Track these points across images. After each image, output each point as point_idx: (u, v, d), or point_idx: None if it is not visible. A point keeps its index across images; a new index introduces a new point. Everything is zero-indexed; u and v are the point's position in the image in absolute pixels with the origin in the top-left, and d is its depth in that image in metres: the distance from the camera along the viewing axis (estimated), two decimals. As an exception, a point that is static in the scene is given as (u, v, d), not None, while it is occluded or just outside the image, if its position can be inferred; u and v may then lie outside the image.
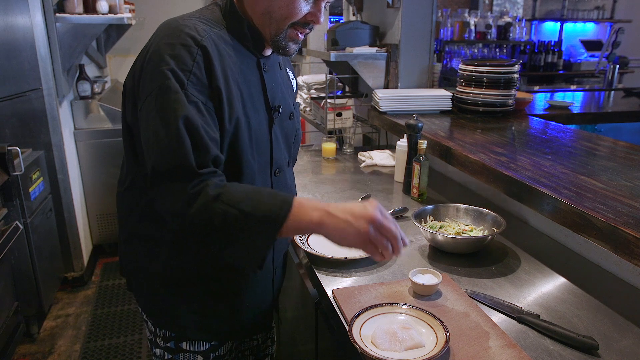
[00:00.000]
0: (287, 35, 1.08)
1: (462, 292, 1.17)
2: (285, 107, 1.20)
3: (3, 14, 2.38)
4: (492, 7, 5.78)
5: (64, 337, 2.61)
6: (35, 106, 2.68)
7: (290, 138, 1.27)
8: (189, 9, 1.20)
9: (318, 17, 1.08)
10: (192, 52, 0.98)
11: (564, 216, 1.20)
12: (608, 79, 3.81)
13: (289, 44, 1.10)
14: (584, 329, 1.05)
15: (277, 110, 1.16)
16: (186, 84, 0.96)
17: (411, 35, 2.44)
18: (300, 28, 1.09)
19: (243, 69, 1.08)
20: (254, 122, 1.09)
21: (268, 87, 1.15)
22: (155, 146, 0.95)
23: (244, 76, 1.09)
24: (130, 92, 1.06)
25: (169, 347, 1.21)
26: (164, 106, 0.95)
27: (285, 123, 1.22)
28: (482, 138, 1.83)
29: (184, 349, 1.21)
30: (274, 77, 1.19)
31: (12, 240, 2.10)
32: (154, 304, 1.20)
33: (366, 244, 0.95)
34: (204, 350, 1.22)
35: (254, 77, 1.12)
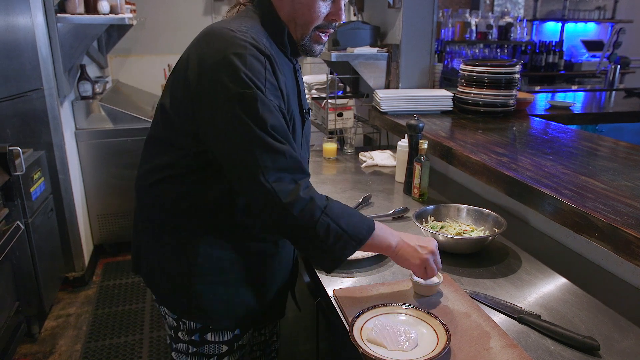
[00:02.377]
0: (311, 38, 1.16)
1: (463, 293, 1.17)
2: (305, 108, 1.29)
3: (4, 14, 2.38)
4: (493, 8, 5.77)
5: (65, 337, 2.62)
6: (36, 106, 2.68)
7: (309, 138, 1.38)
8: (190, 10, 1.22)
9: (339, 14, 1.14)
10: (261, 60, 1.04)
11: (565, 216, 1.20)
12: (609, 79, 3.80)
13: (314, 45, 1.18)
14: (585, 329, 1.05)
15: (307, 112, 1.27)
16: (265, 91, 1.03)
17: (412, 35, 2.44)
18: (323, 29, 1.16)
19: (285, 74, 1.14)
20: (296, 125, 1.18)
21: (301, 90, 1.25)
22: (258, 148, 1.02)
23: (288, 81, 1.15)
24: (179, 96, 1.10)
25: (193, 340, 1.24)
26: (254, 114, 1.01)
27: (308, 124, 1.32)
28: (483, 138, 1.83)
29: (209, 340, 1.24)
30: (302, 81, 1.29)
31: (13, 240, 2.10)
32: (179, 296, 1.21)
33: (421, 268, 1.15)
34: (229, 339, 1.26)
35: (292, 82, 1.20)
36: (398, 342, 0.97)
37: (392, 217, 1.65)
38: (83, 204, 3.29)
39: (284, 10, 1.14)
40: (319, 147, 2.52)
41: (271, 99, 1.04)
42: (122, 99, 3.78)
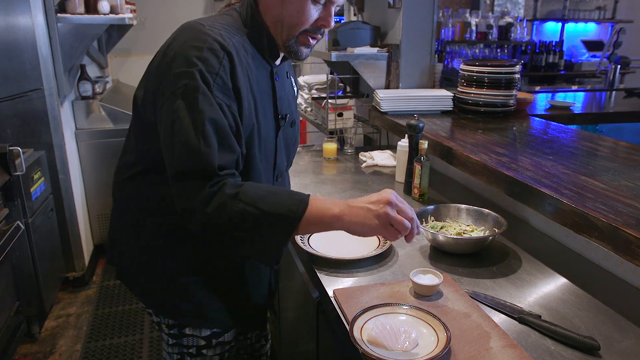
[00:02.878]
0: (298, 41, 1.12)
1: (463, 293, 1.17)
2: (290, 115, 1.24)
3: (4, 14, 2.38)
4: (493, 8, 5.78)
5: (65, 337, 2.62)
6: (36, 106, 2.68)
7: (291, 145, 1.31)
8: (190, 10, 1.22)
9: (329, 21, 1.11)
10: (219, 56, 1.00)
11: (565, 216, 1.20)
12: (609, 79, 3.80)
13: (301, 48, 1.13)
14: (585, 329, 1.05)
15: (284, 118, 1.21)
16: (212, 86, 0.99)
17: (412, 35, 2.44)
18: (311, 34, 1.12)
19: (258, 77, 1.12)
20: (263, 129, 1.13)
21: (278, 96, 1.19)
22: (180, 145, 0.98)
23: (258, 84, 1.12)
24: (149, 89, 1.08)
25: (172, 333, 1.25)
26: (191, 106, 0.98)
27: (288, 130, 1.26)
28: (483, 138, 1.83)
29: (187, 334, 1.24)
30: (283, 85, 1.23)
31: (13, 240, 2.11)
32: (153, 294, 1.22)
33: (387, 227, 1.00)
34: (207, 335, 1.25)
35: (266, 85, 1.16)
36: (398, 342, 0.97)
37: (392, 217, 1.65)
38: (83, 204, 3.29)
39: (271, 11, 1.10)
40: (319, 147, 2.52)
41: (217, 95, 0.99)
42: (122, 99, 3.79)
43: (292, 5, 1.07)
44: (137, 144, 1.15)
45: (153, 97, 1.06)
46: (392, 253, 1.41)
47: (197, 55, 0.99)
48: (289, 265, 1.69)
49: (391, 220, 1.00)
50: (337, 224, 1.01)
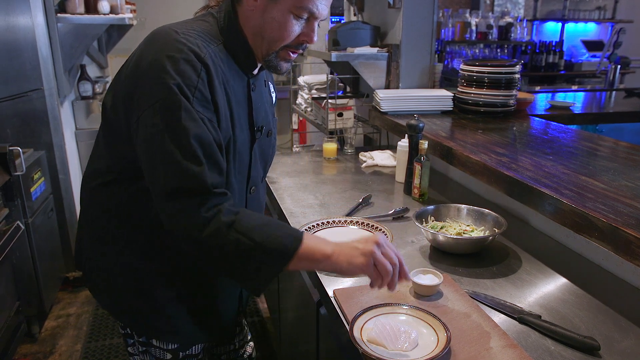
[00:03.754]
0: (278, 55, 1.08)
1: (463, 293, 1.17)
2: (266, 126, 1.20)
3: (5, 14, 2.38)
4: (493, 8, 5.78)
5: (65, 337, 2.62)
6: (36, 106, 2.68)
7: (267, 155, 1.28)
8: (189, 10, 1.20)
9: (311, 37, 1.06)
10: (197, 67, 0.96)
11: (565, 216, 1.20)
12: (609, 79, 3.80)
13: (281, 63, 1.10)
14: (585, 329, 1.05)
15: (260, 130, 1.17)
16: (192, 100, 0.95)
17: (412, 35, 2.44)
18: (292, 49, 1.08)
19: (234, 88, 1.07)
20: (239, 142, 1.09)
21: (254, 107, 1.14)
22: (167, 165, 0.94)
23: (235, 95, 1.08)
24: (118, 95, 1.04)
25: (141, 341, 1.23)
26: (173, 123, 0.94)
27: (264, 141, 1.22)
28: (483, 138, 1.83)
29: (155, 345, 1.21)
30: (260, 96, 1.18)
31: (13, 240, 2.11)
32: (119, 306, 1.20)
33: (370, 267, 0.98)
34: (174, 349, 1.22)
35: (242, 96, 1.11)
36: (398, 342, 0.97)
37: (392, 217, 1.65)
38: (83, 204, 3.29)
39: (250, 22, 1.05)
40: (319, 147, 2.52)
41: (198, 110, 0.96)
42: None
43: (274, 20, 1.02)
44: (108, 151, 1.11)
45: (123, 105, 1.02)
46: (392, 253, 1.41)
47: (174, 67, 0.95)
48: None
49: (375, 259, 0.98)
50: (327, 262, 1.00)
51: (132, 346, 1.27)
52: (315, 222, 1.56)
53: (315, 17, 1.04)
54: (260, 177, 1.26)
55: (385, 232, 1.47)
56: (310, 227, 1.53)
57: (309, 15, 1.03)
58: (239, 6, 1.06)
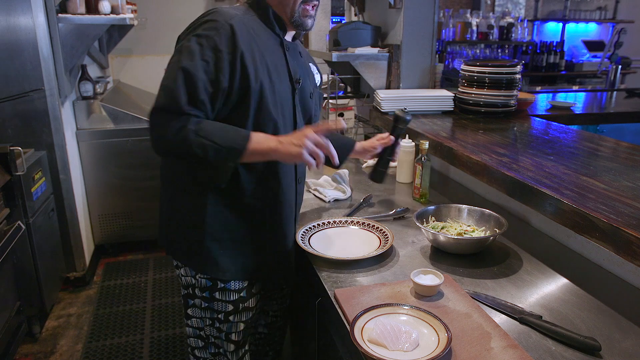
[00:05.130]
0: (300, 13, 1.33)
1: (463, 293, 1.17)
2: (304, 84, 1.42)
3: (6, 15, 2.39)
4: (494, 8, 5.78)
5: (66, 337, 2.62)
6: (37, 106, 2.68)
7: (309, 109, 1.48)
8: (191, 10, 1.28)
9: None
10: (218, 26, 1.22)
11: (566, 217, 1.20)
12: (610, 79, 3.80)
13: (305, 19, 1.35)
14: (586, 329, 1.05)
15: (298, 82, 1.38)
16: (204, 45, 1.20)
17: (413, 35, 2.43)
18: (308, 3, 1.33)
19: (270, 46, 1.32)
20: (278, 88, 1.32)
21: (290, 63, 1.37)
22: (160, 88, 1.21)
23: (271, 51, 1.32)
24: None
25: (204, 296, 1.43)
26: (177, 56, 1.22)
27: (306, 100, 1.45)
28: (484, 139, 1.83)
29: (217, 298, 1.42)
30: (295, 57, 1.42)
31: (14, 240, 2.11)
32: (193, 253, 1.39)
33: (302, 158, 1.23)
34: (234, 300, 1.43)
35: (278, 53, 1.35)
36: (399, 342, 0.97)
37: (393, 218, 1.65)
38: (84, 204, 3.29)
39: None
40: (319, 148, 2.52)
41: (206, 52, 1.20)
42: (123, 99, 3.79)
43: None
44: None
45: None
46: (393, 253, 1.41)
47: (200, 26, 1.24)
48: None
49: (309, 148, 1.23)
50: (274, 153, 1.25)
51: (192, 307, 1.47)
52: (316, 222, 1.56)
53: None
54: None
55: (387, 232, 1.47)
56: (311, 228, 1.53)
57: None
58: None
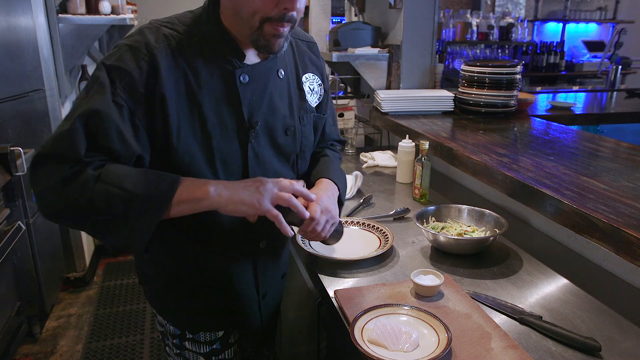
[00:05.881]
0: (263, 32, 0.97)
1: (464, 293, 1.16)
2: (274, 122, 1.10)
3: (6, 15, 2.39)
4: (494, 8, 5.78)
5: (66, 337, 2.62)
6: (37, 107, 2.68)
7: (290, 155, 1.17)
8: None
9: (293, 3, 0.94)
10: (139, 56, 0.94)
11: (566, 217, 1.20)
12: (610, 79, 3.80)
13: (270, 40, 0.98)
14: (586, 330, 1.05)
15: (252, 127, 1.05)
16: (117, 84, 0.92)
17: (413, 36, 2.44)
18: (276, 22, 0.96)
19: (209, 83, 1.00)
20: (218, 140, 1.02)
21: (245, 101, 1.04)
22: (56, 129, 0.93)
23: (210, 89, 1.01)
24: None
25: (175, 343, 1.25)
26: (84, 94, 0.94)
27: (280, 140, 1.12)
28: (484, 139, 1.83)
29: (187, 347, 1.23)
30: (260, 88, 1.07)
31: (14, 241, 2.11)
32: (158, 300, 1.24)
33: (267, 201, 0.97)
34: (205, 352, 1.24)
35: (225, 90, 1.03)
36: (399, 342, 0.97)
37: (393, 218, 1.65)
38: (84, 204, 3.29)
39: (226, 3, 0.99)
40: (320, 148, 2.52)
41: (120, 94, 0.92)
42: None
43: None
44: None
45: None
46: (393, 254, 1.41)
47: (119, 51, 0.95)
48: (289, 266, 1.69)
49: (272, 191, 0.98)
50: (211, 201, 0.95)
51: (167, 347, 1.29)
52: (316, 222, 1.56)
53: None
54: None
55: (387, 232, 1.47)
56: None
57: None
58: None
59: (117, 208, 0.88)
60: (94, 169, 0.89)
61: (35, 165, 0.91)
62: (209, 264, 1.15)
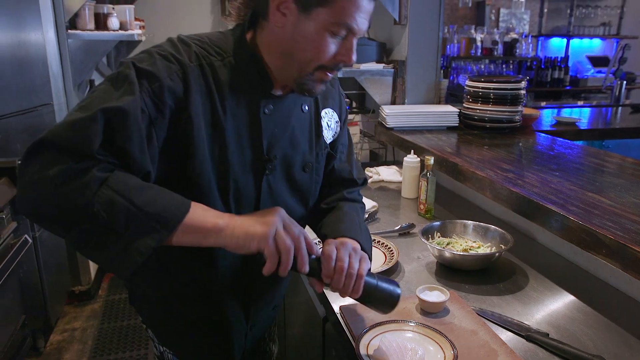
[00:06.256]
0: (313, 78, 0.95)
1: (469, 310, 1.16)
2: (293, 157, 1.06)
3: (17, 30, 2.42)
4: (499, 24, 5.81)
5: (70, 352, 2.61)
6: (46, 121, 2.71)
7: (305, 192, 1.12)
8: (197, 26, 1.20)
9: (350, 56, 0.95)
10: (172, 69, 0.88)
11: (572, 233, 1.19)
12: (615, 95, 3.80)
13: (316, 84, 0.97)
14: (593, 348, 1.04)
15: (270, 160, 1.01)
16: (145, 87, 0.84)
17: (418, 51, 2.46)
18: (328, 70, 0.96)
19: (234, 109, 0.96)
20: (236, 170, 0.97)
21: (266, 133, 1.00)
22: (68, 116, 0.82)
23: (234, 115, 0.96)
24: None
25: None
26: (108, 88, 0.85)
27: (298, 176, 1.08)
28: (489, 154, 1.83)
29: None
30: (283, 121, 1.03)
31: (20, 254, 2.11)
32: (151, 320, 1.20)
33: (269, 237, 0.85)
34: None
35: (248, 118, 0.98)
36: (405, 359, 0.96)
37: (398, 233, 1.65)
38: (90, 217, 3.30)
39: (278, 40, 0.94)
40: (325, 162, 2.52)
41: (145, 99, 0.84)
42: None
43: (306, 38, 0.91)
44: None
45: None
46: (399, 269, 1.40)
47: (150, 57, 0.88)
48: (294, 281, 1.69)
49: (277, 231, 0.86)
50: (219, 234, 0.85)
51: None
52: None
53: (353, 33, 0.93)
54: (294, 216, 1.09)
55: (392, 248, 1.47)
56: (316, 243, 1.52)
57: (347, 32, 0.92)
58: (265, 22, 0.95)
59: (117, 221, 0.78)
60: (101, 171, 0.79)
61: (34, 150, 0.80)
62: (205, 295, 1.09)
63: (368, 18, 0.94)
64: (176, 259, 1.03)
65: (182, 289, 1.09)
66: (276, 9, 0.91)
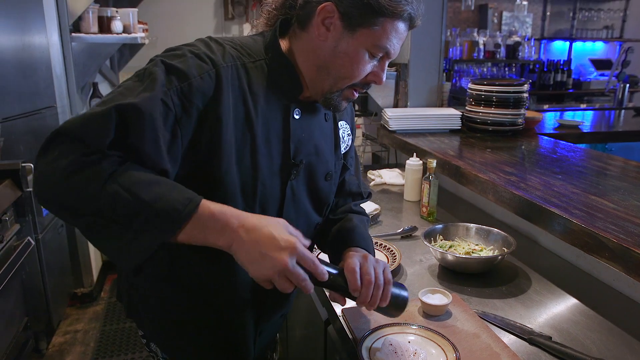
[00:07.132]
0: (342, 94, 0.98)
1: (472, 313, 1.16)
2: (316, 164, 1.06)
3: (21, 34, 2.44)
4: (501, 27, 5.82)
5: (73, 353, 2.61)
6: (49, 123, 2.72)
7: (324, 200, 1.12)
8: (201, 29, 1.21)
9: (380, 77, 0.99)
10: (204, 68, 0.87)
11: (575, 236, 1.19)
12: (618, 98, 3.80)
13: (343, 101, 1.00)
14: (596, 351, 1.04)
15: (296, 165, 1.01)
16: (173, 84, 0.84)
17: (420, 54, 2.46)
18: (358, 88, 0.99)
19: (265, 112, 0.96)
20: (264, 174, 0.96)
21: (294, 138, 1.00)
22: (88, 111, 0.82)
23: (265, 119, 0.95)
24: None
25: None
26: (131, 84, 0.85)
27: (320, 184, 1.08)
28: (492, 157, 1.83)
29: None
30: (308, 127, 1.04)
31: (23, 256, 2.12)
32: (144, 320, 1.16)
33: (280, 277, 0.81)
34: None
35: (277, 122, 0.98)
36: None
37: (400, 236, 1.65)
38: (93, 220, 3.31)
39: (317, 52, 0.95)
40: (327, 165, 2.53)
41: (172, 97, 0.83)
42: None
43: (346, 55, 0.93)
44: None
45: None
46: (401, 272, 1.40)
47: (182, 55, 0.87)
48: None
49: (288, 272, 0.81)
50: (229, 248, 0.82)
51: None
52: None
53: (389, 56, 0.97)
54: (310, 223, 1.11)
55: (394, 250, 1.47)
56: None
57: (384, 54, 0.97)
58: (302, 31, 0.96)
59: (120, 215, 0.78)
60: (111, 164, 0.79)
61: (51, 139, 0.81)
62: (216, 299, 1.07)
63: (401, 43, 0.98)
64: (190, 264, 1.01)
65: (188, 294, 1.06)
66: (321, 22, 0.93)
